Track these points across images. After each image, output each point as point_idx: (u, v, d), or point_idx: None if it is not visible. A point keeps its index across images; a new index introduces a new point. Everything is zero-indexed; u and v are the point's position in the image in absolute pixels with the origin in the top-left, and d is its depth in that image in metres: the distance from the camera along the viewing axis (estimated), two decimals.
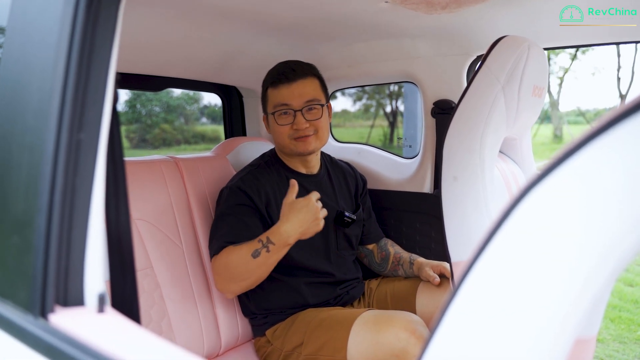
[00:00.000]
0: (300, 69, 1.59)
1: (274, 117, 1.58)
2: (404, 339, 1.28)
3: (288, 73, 1.56)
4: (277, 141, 1.63)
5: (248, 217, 1.51)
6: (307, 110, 1.57)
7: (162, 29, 1.56)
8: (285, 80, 1.56)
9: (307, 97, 1.56)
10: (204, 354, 1.58)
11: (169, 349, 0.57)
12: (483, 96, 1.28)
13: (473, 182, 1.24)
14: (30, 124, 0.66)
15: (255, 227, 1.49)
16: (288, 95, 1.56)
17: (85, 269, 0.66)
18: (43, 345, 0.59)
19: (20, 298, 0.64)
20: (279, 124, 1.57)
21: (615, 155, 0.40)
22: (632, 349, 3.04)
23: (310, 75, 1.60)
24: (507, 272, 0.45)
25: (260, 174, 1.59)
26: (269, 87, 1.60)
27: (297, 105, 1.56)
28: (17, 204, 0.67)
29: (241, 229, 1.47)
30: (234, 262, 1.41)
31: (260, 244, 1.39)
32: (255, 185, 1.55)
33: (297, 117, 1.56)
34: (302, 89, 1.56)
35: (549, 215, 0.43)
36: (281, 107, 1.56)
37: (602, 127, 0.41)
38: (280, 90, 1.56)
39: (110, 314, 0.63)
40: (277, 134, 1.60)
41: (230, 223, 1.49)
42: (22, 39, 0.70)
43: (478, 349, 0.45)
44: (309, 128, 1.57)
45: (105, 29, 0.66)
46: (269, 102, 1.61)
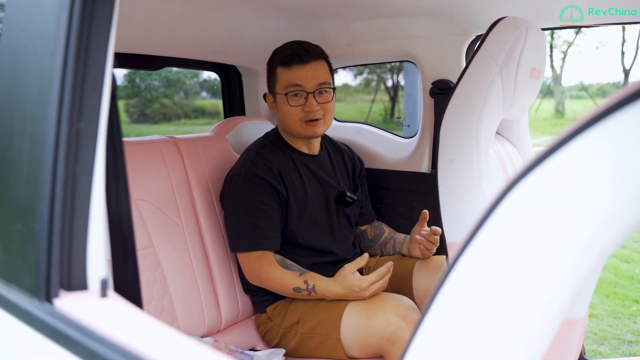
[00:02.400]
0: (313, 50, 1.58)
1: (286, 98, 1.57)
2: (394, 324, 1.31)
3: (302, 54, 1.55)
4: (285, 122, 1.62)
5: (268, 206, 1.53)
6: (318, 93, 1.57)
7: (161, 8, 1.56)
8: (298, 61, 1.55)
9: (319, 80, 1.56)
10: (205, 331, 1.62)
11: (169, 333, 0.59)
12: (480, 78, 1.28)
13: (469, 164, 1.26)
14: (30, 114, 0.67)
15: (276, 215, 1.54)
16: (301, 76, 1.55)
17: (88, 254, 0.69)
18: (49, 329, 0.61)
19: (25, 283, 0.67)
20: (290, 104, 1.56)
21: (606, 145, 0.42)
22: (626, 324, 3.10)
23: (322, 57, 1.60)
24: (497, 257, 0.46)
25: (268, 154, 1.60)
26: (280, 66, 1.58)
27: (309, 88, 1.55)
28: (19, 192, 0.69)
29: (265, 220, 1.52)
30: (273, 280, 1.49)
31: (305, 286, 1.45)
32: (268, 166, 1.57)
33: (308, 100, 1.55)
34: (315, 71, 1.56)
35: (538, 203, 0.45)
36: (293, 87, 1.55)
37: (594, 117, 0.42)
38: (293, 70, 1.55)
39: (113, 298, 0.66)
40: (286, 115, 1.59)
41: (253, 216, 1.51)
42: (19, 28, 0.71)
43: (466, 332, 0.47)
44: (319, 111, 1.57)
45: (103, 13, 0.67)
46: (278, 81, 1.59)
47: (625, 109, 0.41)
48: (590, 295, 0.91)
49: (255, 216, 1.51)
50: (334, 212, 1.70)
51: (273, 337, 1.56)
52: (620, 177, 0.42)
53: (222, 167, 1.79)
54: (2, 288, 0.71)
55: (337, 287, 1.41)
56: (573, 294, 0.46)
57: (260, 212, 1.52)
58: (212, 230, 1.70)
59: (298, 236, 1.59)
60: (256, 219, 1.51)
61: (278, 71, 1.58)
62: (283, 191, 1.57)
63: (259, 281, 1.53)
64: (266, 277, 1.50)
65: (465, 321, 0.47)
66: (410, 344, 0.51)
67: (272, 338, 1.56)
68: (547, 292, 0.45)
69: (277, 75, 1.59)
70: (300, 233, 1.59)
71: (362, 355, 1.41)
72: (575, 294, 0.46)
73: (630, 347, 2.81)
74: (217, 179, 1.76)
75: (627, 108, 0.41)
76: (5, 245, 0.71)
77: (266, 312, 1.62)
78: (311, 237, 1.63)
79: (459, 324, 0.48)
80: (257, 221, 1.51)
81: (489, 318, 0.46)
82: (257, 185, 1.53)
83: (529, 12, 1.57)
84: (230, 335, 1.68)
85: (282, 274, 1.47)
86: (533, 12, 1.57)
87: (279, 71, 1.58)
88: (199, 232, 1.68)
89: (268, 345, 1.60)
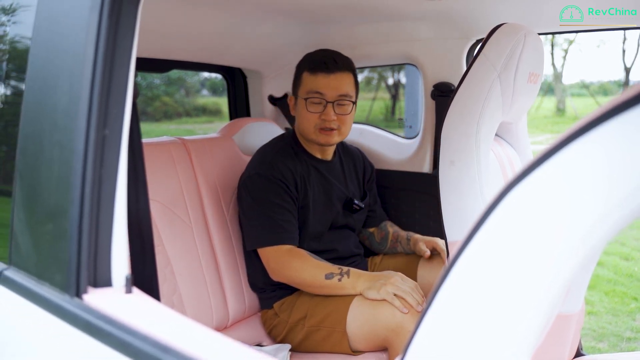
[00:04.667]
0: (342, 61, 1.61)
1: (305, 103, 1.61)
2: (399, 315, 1.36)
3: (329, 63, 1.59)
4: (301, 126, 1.66)
5: (288, 204, 1.59)
6: (337, 104, 1.60)
7: (169, 13, 1.60)
8: (325, 69, 1.58)
9: (341, 91, 1.59)
10: (213, 327, 1.67)
11: (192, 326, 0.64)
12: (480, 83, 1.33)
13: (469, 166, 1.30)
14: (60, 123, 0.72)
15: (295, 214, 1.60)
16: (325, 85, 1.58)
17: (112, 252, 0.74)
18: (81, 322, 0.66)
19: (57, 280, 0.72)
20: (308, 110, 1.60)
21: (599, 151, 0.45)
22: (625, 321, 3.14)
23: (348, 70, 1.63)
24: (495, 255, 0.50)
25: (285, 157, 1.65)
26: (306, 71, 1.62)
27: (330, 97, 1.59)
28: (50, 196, 0.74)
29: (288, 217, 1.57)
30: (305, 271, 1.50)
31: (339, 271, 1.47)
32: (285, 169, 1.61)
33: (327, 109, 1.59)
34: (339, 82, 1.59)
35: (535, 205, 0.48)
36: (314, 95, 1.59)
37: (588, 123, 0.46)
38: (318, 78, 1.59)
39: (137, 294, 0.71)
40: (304, 119, 1.63)
41: (278, 212, 1.56)
42: (49, 44, 0.76)
43: (466, 323, 0.52)
44: (335, 121, 1.60)
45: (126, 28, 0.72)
46: (302, 86, 1.63)
47: (618, 116, 0.44)
48: (584, 291, 0.95)
49: (279, 213, 1.57)
50: (341, 216, 1.75)
51: (279, 332, 1.61)
52: (612, 179, 0.45)
53: (229, 167, 1.84)
54: (34, 285, 0.76)
55: (369, 274, 1.46)
56: (565, 288, 0.50)
57: (282, 209, 1.57)
58: (219, 229, 1.75)
59: (304, 239, 1.64)
60: (280, 215, 1.57)
61: (303, 76, 1.63)
62: (296, 194, 1.63)
63: (286, 275, 1.54)
64: (297, 268, 1.51)
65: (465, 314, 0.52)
66: (414, 335, 0.56)
67: (278, 333, 1.61)
68: (541, 287, 0.49)
69: (302, 79, 1.63)
70: (306, 236, 1.65)
71: (367, 348, 1.46)
72: (567, 288, 0.51)
73: (629, 344, 2.85)
74: (224, 179, 1.81)
75: (620, 115, 0.44)
76: (37, 245, 0.77)
77: (273, 307, 1.67)
78: (315, 237, 1.68)
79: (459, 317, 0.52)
80: (282, 217, 1.57)
81: (487, 312, 0.50)
82: (276, 185, 1.58)
83: (529, 17, 1.61)
84: (237, 331, 1.73)
85: (315, 264, 1.51)
86: (533, 16, 1.62)
87: (304, 76, 1.62)
88: (207, 231, 1.73)
89: (274, 340, 1.65)
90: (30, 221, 0.80)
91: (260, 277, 1.69)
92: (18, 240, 0.81)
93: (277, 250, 1.56)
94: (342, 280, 1.46)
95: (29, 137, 0.80)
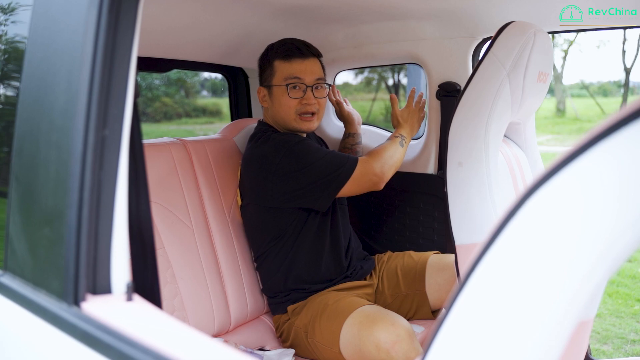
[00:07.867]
0: (312, 47, 1.64)
1: (286, 89, 1.59)
2: (384, 351, 1.30)
3: (302, 48, 1.60)
4: (280, 114, 1.63)
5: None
6: (315, 88, 1.62)
7: (170, 12, 1.57)
8: (299, 55, 1.59)
9: (317, 75, 1.62)
10: (215, 331, 1.64)
11: (195, 336, 0.61)
12: (489, 83, 1.30)
13: (477, 168, 1.27)
14: (57, 123, 0.69)
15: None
16: (301, 70, 1.59)
17: (112, 258, 0.70)
18: (78, 332, 0.63)
19: (54, 287, 0.68)
20: (290, 96, 1.59)
21: (614, 160, 0.43)
22: (628, 323, 3.11)
23: (319, 55, 1.67)
24: (514, 267, 0.47)
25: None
26: (279, 59, 1.61)
27: (309, 81, 1.60)
28: (47, 199, 0.70)
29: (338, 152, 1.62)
30: (390, 156, 1.61)
31: (400, 137, 1.70)
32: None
33: (307, 93, 1.60)
34: (313, 66, 1.62)
35: (552, 214, 0.46)
36: (294, 80, 1.59)
37: (601, 133, 0.43)
38: (293, 64, 1.59)
39: (138, 302, 0.68)
40: (283, 107, 1.61)
41: (328, 153, 1.58)
42: (46, 41, 0.72)
43: (486, 332, 0.48)
44: (315, 105, 1.61)
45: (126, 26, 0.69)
46: (276, 73, 1.61)
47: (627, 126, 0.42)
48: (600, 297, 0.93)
49: (329, 151, 1.60)
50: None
51: (290, 336, 1.58)
52: (627, 191, 0.43)
53: (230, 169, 1.81)
54: (30, 292, 0.72)
55: (406, 127, 1.75)
56: (582, 303, 0.47)
57: (326, 149, 1.66)
58: (221, 231, 1.72)
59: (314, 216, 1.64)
60: (331, 151, 1.60)
61: (276, 64, 1.61)
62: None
63: (385, 170, 1.59)
64: (386, 157, 1.60)
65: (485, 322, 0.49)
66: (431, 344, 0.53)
67: (288, 337, 1.59)
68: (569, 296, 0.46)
69: (275, 67, 1.61)
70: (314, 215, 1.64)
71: None
72: (584, 303, 0.48)
73: (634, 347, 2.82)
74: (225, 181, 1.78)
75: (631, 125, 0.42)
76: (33, 250, 0.73)
77: (287, 311, 1.64)
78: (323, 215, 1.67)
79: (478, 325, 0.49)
80: (333, 152, 1.59)
81: (510, 320, 0.47)
82: (303, 141, 1.58)
83: (535, 15, 1.58)
84: (239, 335, 1.70)
85: (383, 146, 1.65)
86: (539, 15, 1.59)
87: (277, 64, 1.61)
88: (208, 233, 1.70)
89: (283, 344, 1.62)
90: (26, 225, 0.77)
91: (274, 281, 1.66)
92: (14, 246, 0.78)
93: (361, 164, 1.55)
94: (404, 140, 1.71)
95: (25, 138, 0.77)
